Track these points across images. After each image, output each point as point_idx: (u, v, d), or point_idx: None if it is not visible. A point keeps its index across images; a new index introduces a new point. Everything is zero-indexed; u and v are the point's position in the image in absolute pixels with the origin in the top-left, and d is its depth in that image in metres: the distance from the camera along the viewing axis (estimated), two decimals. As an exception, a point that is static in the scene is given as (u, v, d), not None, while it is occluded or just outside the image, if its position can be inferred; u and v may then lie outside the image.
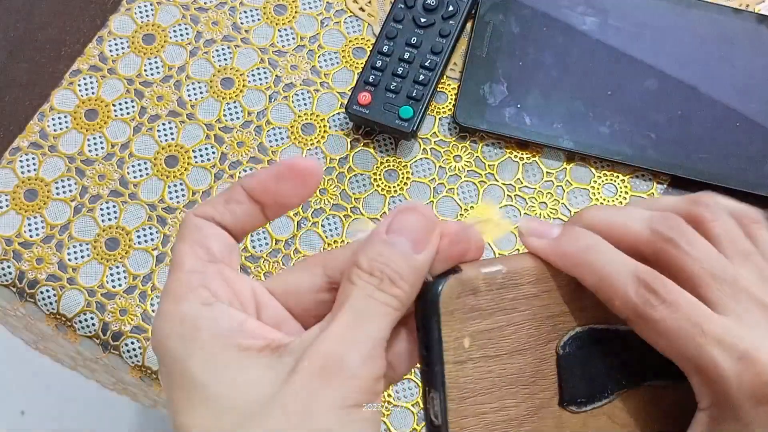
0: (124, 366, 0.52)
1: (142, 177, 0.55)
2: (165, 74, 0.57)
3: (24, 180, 0.54)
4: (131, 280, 0.52)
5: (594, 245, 0.30)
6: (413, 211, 0.27)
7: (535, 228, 0.31)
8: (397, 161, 0.55)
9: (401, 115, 0.53)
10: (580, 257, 0.29)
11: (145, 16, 0.59)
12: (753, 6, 0.57)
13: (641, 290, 0.28)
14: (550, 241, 0.30)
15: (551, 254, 0.30)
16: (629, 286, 0.28)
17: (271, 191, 0.29)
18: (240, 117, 0.56)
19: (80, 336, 0.52)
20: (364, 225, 0.30)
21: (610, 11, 0.56)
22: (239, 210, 0.29)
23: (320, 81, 0.57)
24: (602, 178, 0.54)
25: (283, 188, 0.29)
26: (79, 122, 0.56)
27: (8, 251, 0.53)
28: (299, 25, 0.58)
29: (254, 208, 0.29)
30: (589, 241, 0.30)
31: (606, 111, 0.54)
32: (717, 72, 0.55)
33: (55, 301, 0.52)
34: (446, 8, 0.55)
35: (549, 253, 0.30)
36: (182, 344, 0.26)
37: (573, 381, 0.31)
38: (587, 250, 0.29)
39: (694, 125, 0.54)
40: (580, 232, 0.30)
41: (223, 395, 0.25)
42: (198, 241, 0.28)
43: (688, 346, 0.27)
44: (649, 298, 0.28)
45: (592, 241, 0.30)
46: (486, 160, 0.55)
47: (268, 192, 0.29)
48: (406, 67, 0.54)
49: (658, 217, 0.30)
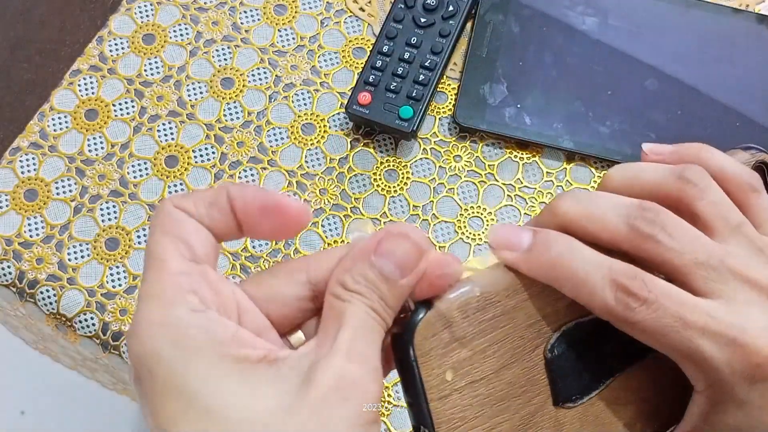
0: (124, 366, 0.52)
1: (142, 177, 0.55)
2: (165, 74, 0.57)
3: (24, 180, 0.55)
4: (131, 280, 0.52)
5: (566, 252, 0.29)
6: (404, 238, 0.27)
7: (505, 239, 0.30)
8: (397, 161, 0.55)
9: (401, 115, 0.53)
10: (552, 267, 0.29)
11: (145, 16, 0.59)
12: (753, 6, 0.57)
13: (618, 294, 0.27)
14: (522, 253, 0.29)
15: (524, 268, 0.29)
16: (606, 291, 0.28)
17: (252, 217, 0.28)
18: (240, 117, 0.56)
19: (80, 336, 0.52)
20: (363, 225, 0.29)
21: (610, 11, 0.56)
22: (218, 217, 0.28)
23: (320, 81, 0.57)
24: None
25: (264, 221, 0.28)
26: (79, 122, 0.56)
27: (8, 251, 0.53)
28: (299, 25, 0.58)
29: (232, 221, 0.28)
30: (561, 248, 0.29)
31: (606, 111, 0.54)
32: (717, 72, 0.55)
33: (55, 301, 0.52)
34: (446, 8, 0.55)
35: (521, 266, 0.29)
36: (176, 353, 0.25)
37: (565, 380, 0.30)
38: (559, 259, 0.29)
39: (694, 125, 0.54)
40: (551, 238, 0.29)
41: (227, 408, 0.24)
42: (180, 237, 0.27)
43: (673, 341, 0.27)
44: (628, 302, 0.27)
45: (564, 248, 0.29)
46: (486, 160, 0.55)
47: (249, 216, 0.28)
48: (406, 67, 0.54)
49: (635, 209, 0.29)
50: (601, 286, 0.28)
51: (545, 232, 0.30)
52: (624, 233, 0.29)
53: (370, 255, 0.27)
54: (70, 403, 1.17)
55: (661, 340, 0.28)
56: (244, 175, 0.54)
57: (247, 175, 0.54)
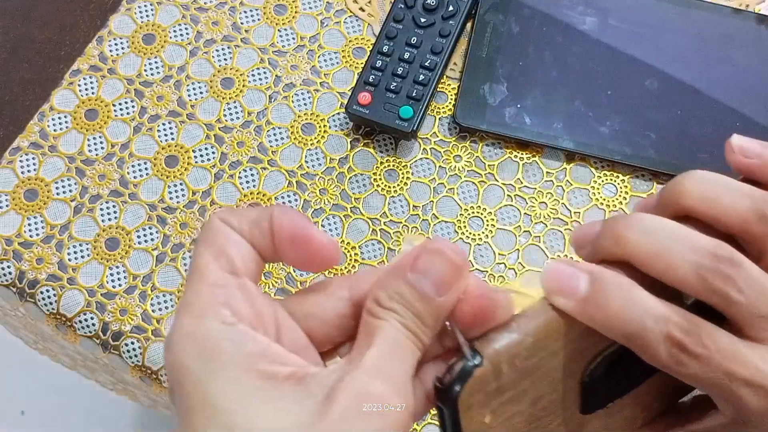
0: (124, 366, 0.52)
1: (142, 177, 0.55)
2: (165, 74, 0.57)
3: (24, 180, 0.55)
4: (131, 280, 0.52)
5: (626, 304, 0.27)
6: (441, 255, 0.26)
7: (560, 284, 0.28)
8: (397, 161, 0.55)
9: (401, 115, 0.53)
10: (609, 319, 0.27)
11: (145, 16, 0.59)
12: (753, 6, 0.57)
13: (673, 350, 0.27)
14: (578, 302, 0.28)
15: (580, 317, 0.28)
16: (660, 347, 0.27)
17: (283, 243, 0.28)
18: (240, 117, 0.56)
19: (80, 336, 0.52)
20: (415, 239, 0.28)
21: (610, 11, 0.56)
22: (259, 237, 0.28)
23: (320, 81, 0.57)
24: (602, 178, 0.54)
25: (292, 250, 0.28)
26: (79, 122, 0.56)
27: (8, 251, 0.53)
28: (299, 25, 0.58)
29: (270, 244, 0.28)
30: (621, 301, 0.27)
31: (606, 111, 0.54)
32: (717, 72, 0.55)
33: (55, 301, 0.52)
34: (446, 8, 0.55)
35: (578, 315, 0.28)
36: (203, 365, 0.25)
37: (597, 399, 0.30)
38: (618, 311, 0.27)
39: (694, 125, 0.54)
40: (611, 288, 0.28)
41: (250, 424, 0.24)
42: (221, 250, 0.27)
43: (718, 389, 0.27)
44: (681, 358, 0.27)
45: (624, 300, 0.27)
46: (486, 160, 0.55)
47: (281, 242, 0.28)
48: (406, 67, 0.54)
49: (708, 259, 0.27)
50: (656, 340, 0.27)
51: (603, 279, 0.28)
52: (692, 282, 0.27)
53: (406, 271, 0.26)
54: (70, 403, 1.17)
55: (706, 388, 0.28)
56: (244, 175, 0.54)
57: (247, 175, 0.54)
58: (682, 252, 0.27)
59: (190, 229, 0.53)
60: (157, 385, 0.51)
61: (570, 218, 0.53)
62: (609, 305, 0.27)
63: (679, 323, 0.27)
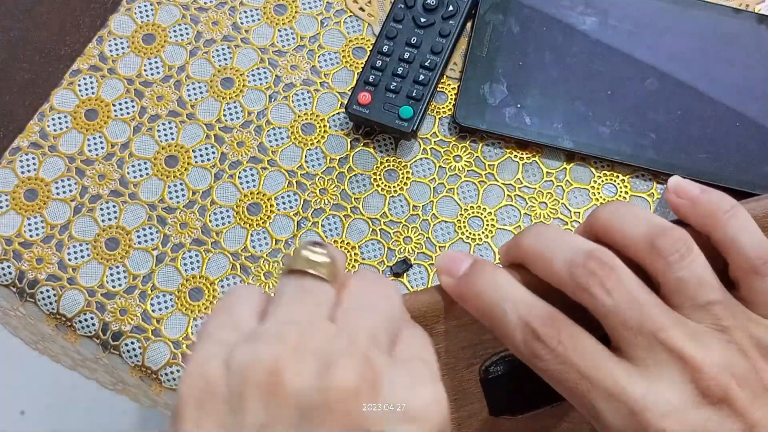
0: (124, 366, 0.52)
1: (142, 177, 0.55)
2: (165, 74, 0.57)
3: (24, 180, 0.54)
4: (131, 280, 0.52)
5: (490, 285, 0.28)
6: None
7: (449, 267, 0.30)
8: (397, 161, 0.55)
9: (401, 115, 0.53)
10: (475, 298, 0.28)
11: (145, 16, 0.59)
12: (753, 6, 0.57)
13: (528, 339, 0.27)
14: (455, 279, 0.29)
15: (453, 293, 0.29)
16: (517, 332, 0.27)
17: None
18: (240, 117, 0.56)
19: (80, 336, 0.52)
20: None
21: (610, 11, 0.56)
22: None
23: (320, 81, 0.57)
24: (602, 178, 0.54)
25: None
26: (79, 122, 0.56)
27: (8, 251, 0.53)
28: (299, 25, 0.58)
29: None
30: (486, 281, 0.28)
31: (606, 111, 0.54)
32: (717, 72, 0.55)
33: (55, 301, 0.52)
34: (446, 8, 0.55)
35: (452, 292, 0.30)
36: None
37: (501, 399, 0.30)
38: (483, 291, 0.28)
39: (694, 125, 0.54)
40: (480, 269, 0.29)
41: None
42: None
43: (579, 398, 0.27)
44: (537, 349, 0.27)
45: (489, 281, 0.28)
46: (486, 160, 0.55)
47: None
48: (406, 67, 0.54)
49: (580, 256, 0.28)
50: (513, 326, 0.27)
51: (479, 263, 0.29)
52: (565, 279, 0.28)
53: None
54: (70, 403, 1.17)
55: (567, 393, 0.27)
56: (244, 175, 0.54)
57: (247, 175, 0.54)
58: (561, 251, 0.28)
59: (190, 229, 0.53)
60: (157, 385, 0.51)
61: (570, 218, 0.53)
62: (476, 284, 0.29)
63: (540, 314, 0.27)
